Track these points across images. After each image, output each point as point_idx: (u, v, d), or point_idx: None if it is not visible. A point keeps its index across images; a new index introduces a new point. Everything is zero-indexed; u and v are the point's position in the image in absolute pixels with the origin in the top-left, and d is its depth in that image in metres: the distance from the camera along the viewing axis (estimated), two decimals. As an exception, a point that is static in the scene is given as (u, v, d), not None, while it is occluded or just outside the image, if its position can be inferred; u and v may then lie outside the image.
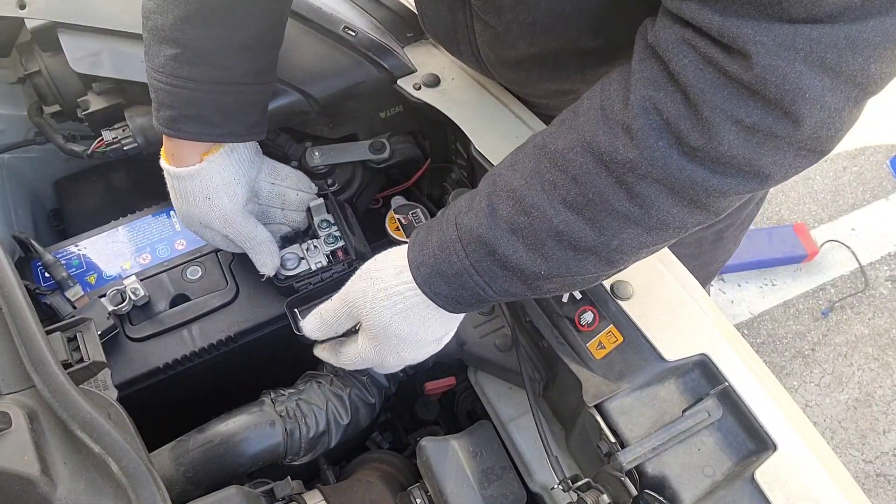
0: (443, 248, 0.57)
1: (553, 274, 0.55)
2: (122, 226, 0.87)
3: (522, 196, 0.54)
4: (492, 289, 0.57)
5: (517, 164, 0.57)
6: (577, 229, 0.53)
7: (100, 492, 0.52)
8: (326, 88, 0.84)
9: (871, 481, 1.89)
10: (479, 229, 0.55)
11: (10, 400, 0.56)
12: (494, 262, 0.55)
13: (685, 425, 0.61)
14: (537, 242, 0.54)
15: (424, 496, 0.68)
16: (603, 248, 0.53)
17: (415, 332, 0.61)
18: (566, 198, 0.52)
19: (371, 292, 0.61)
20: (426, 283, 0.58)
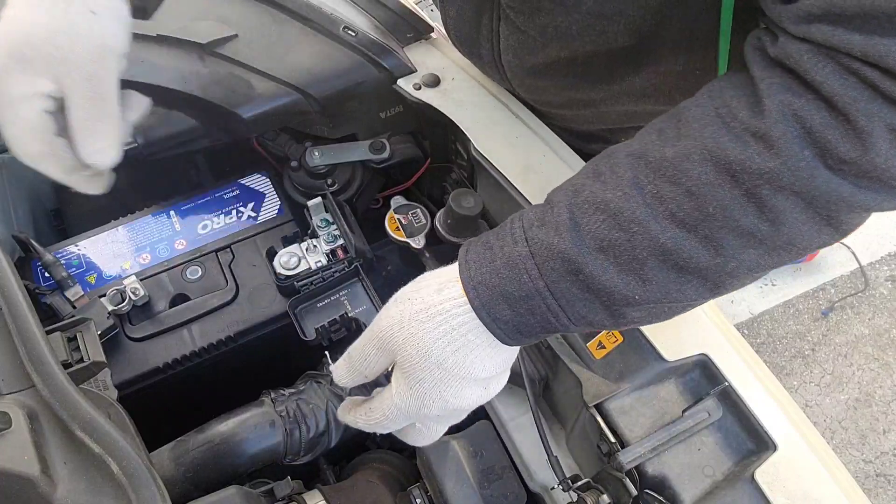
0: (511, 265, 0.50)
1: (647, 299, 0.49)
2: (122, 226, 0.87)
3: (618, 209, 0.48)
4: (566, 315, 0.50)
5: (603, 174, 0.50)
6: (687, 248, 0.47)
7: (100, 492, 0.52)
8: (326, 88, 0.84)
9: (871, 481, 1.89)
10: (561, 245, 0.48)
11: (10, 400, 0.56)
12: (576, 283, 0.49)
13: (685, 425, 0.61)
14: (635, 262, 0.48)
15: (424, 496, 0.68)
16: (715, 271, 0.48)
17: (460, 362, 0.51)
18: (676, 212, 0.47)
19: (407, 314, 0.52)
20: (485, 306, 0.50)
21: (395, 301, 0.54)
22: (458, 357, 0.51)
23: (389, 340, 0.52)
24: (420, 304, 0.52)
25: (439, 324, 0.51)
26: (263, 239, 0.85)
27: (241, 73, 0.83)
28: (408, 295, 0.53)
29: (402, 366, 0.52)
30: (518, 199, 0.75)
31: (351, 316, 0.76)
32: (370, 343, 0.54)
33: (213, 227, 0.86)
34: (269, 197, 0.89)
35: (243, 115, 0.81)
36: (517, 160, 0.79)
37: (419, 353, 0.51)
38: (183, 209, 0.88)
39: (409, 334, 0.51)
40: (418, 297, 0.52)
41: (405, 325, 0.51)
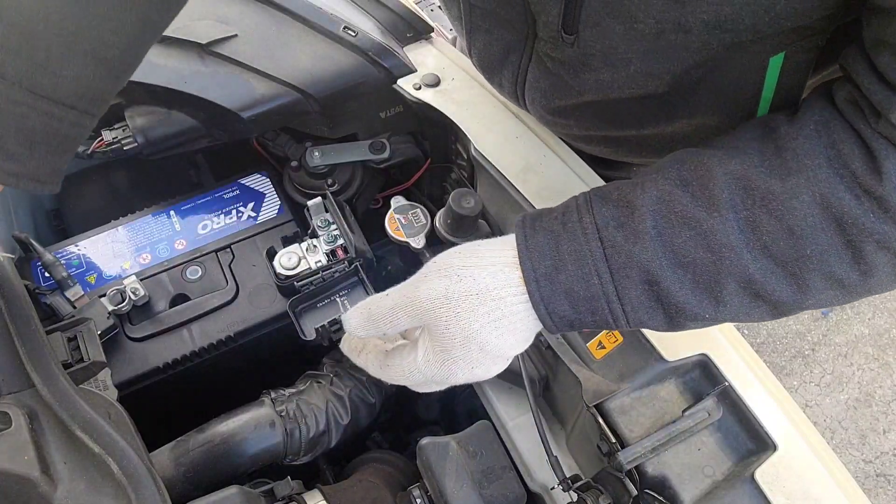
0: (580, 264, 0.48)
1: (714, 319, 0.48)
2: (122, 225, 0.87)
3: (710, 231, 0.46)
4: (626, 319, 0.48)
5: (691, 185, 0.48)
6: (773, 281, 0.46)
7: (100, 492, 0.52)
8: (326, 88, 0.84)
9: (871, 481, 1.89)
10: (642, 256, 0.47)
11: (10, 400, 0.56)
12: (648, 293, 0.48)
13: (685, 425, 0.61)
14: (715, 284, 0.47)
15: (424, 496, 0.68)
16: (790, 304, 0.48)
17: (501, 344, 0.50)
18: (770, 246, 0.46)
19: (456, 293, 0.49)
20: (545, 300, 0.48)
21: (440, 272, 0.51)
22: (501, 341, 0.50)
23: (429, 313, 0.50)
24: (472, 284, 0.49)
25: (492, 310, 0.49)
26: (263, 239, 0.85)
27: (241, 73, 0.83)
28: (456, 270, 0.50)
29: (440, 340, 0.50)
30: (518, 199, 0.75)
31: (351, 316, 0.76)
32: (403, 309, 0.51)
33: (213, 227, 0.86)
34: (269, 197, 0.90)
35: (243, 115, 0.81)
36: (517, 160, 0.79)
37: (464, 334, 0.49)
38: (183, 209, 0.88)
39: (455, 314, 0.49)
40: (469, 275, 0.49)
41: (453, 303, 0.49)
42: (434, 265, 0.51)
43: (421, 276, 0.52)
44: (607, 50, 0.59)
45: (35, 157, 0.53)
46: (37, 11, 0.48)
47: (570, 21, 0.58)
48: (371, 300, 0.54)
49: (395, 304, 0.52)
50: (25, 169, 0.53)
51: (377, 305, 0.53)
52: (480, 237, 0.80)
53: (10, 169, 0.52)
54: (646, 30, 0.54)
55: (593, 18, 0.56)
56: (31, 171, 0.53)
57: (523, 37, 0.67)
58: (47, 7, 0.48)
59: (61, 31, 0.49)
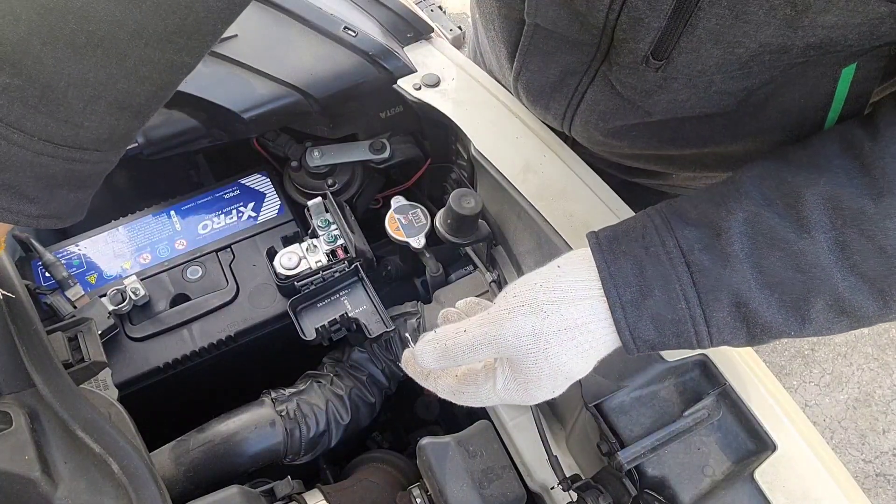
0: (667, 289, 0.47)
1: (799, 334, 0.48)
2: (123, 225, 0.87)
3: (801, 251, 0.46)
4: (710, 339, 0.48)
5: (776, 205, 0.48)
6: (860, 298, 0.47)
7: (100, 492, 0.52)
8: (327, 88, 0.85)
9: (871, 481, 1.89)
10: (732, 279, 0.46)
11: (11, 399, 0.56)
12: (735, 315, 0.47)
13: (685, 425, 0.61)
14: (802, 303, 0.47)
15: (424, 496, 0.68)
16: (873, 318, 0.48)
17: (585, 369, 0.50)
18: (860, 265, 0.46)
19: (545, 330, 0.48)
20: (631, 327, 0.48)
21: (524, 307, 0.49)
22: (586, 367, 0.50)
23: (516, 350, 0.48)
24: (559, 320, 0.48)
25: (581, 343, 0.48)
26: (263, 239, 0.85)
27: (241, 73, 0.83)
28: (542, 306, 0.48)
29: (525, 374, 0.49)
30: (518, 199, 0.76)
31: (351, 316, 0.76)
32: (486, 346, 0.49)
33: (214, 227, 0.86)
34: (270, 197, 0.90)
35: (244, 116, 0.81)
36: (517, 160, 0.79)
37: (552, 368, 0.49)
38: (183, 209, 0.88)
39: (543, 351, 0.48)
40: (556, 311, 0.48)
41: (542, 341, 0.48)
42: (516, 300, 0.49)
43: (504, 312, 0.49)
44: (695, 73, 0.58)
45: (56, 198, 0.52)
46: (58, 67, 0.46)
47: (663, 48, 0.58)
48: (446, 334, 0.51)
49: (476, 342, 0.49)
50: (46, 210, 0.52)
51: (454, 341, 0.50)
52: (480, 237, 0.80)
53: (30, 212, 0.51)
54: (745, 54, 0.54)
55: (692, 45, 0.55)
56: (52, 211, 0.52)
57: (589, 59, 0.66)
58: (69, 62, 0.46)
59: (84, 86, 0.47)
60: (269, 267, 0.81)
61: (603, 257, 0.49)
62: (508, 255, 0.79)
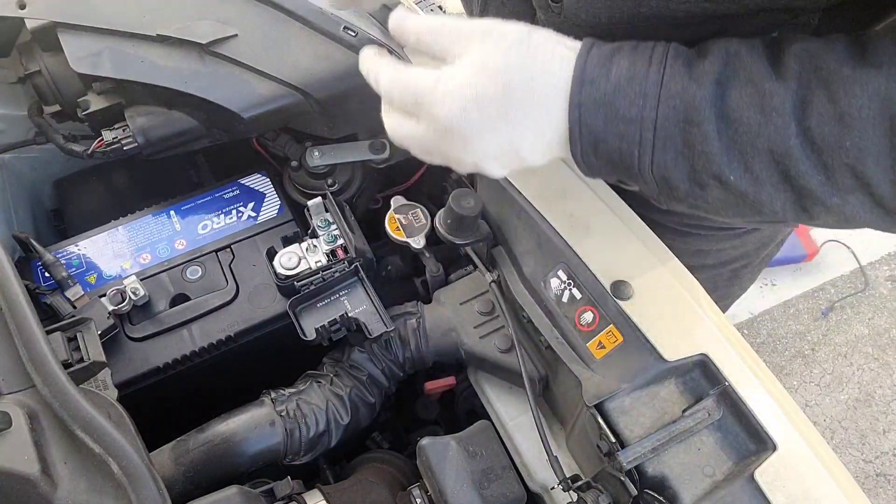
0: (632, 80, 0.48)
1: (736, 187, 0.48)
2: (122, 225, 0.87)
3: (771, 92, 0.46)
4: (651, 158, 0.49)
5: (769, 51, 0.48)
6: (806, 166, 0.46)
7: (100, 492, 0.52)
8: (327, 89, 0.84)
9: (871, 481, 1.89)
10: (697, 94, 0.47)
11: (11, 400, 0.56)
12: (685, 132, 0.47)
13: (685, 425, 0.61)
14: (751, 148, 0.47)
15: (424, 496, 0.68)
16: (814, 197, 0.47)
17: (520, 120, 0.50)
18: (815, 129, 0.45)
19: (517, 36, 0.49)
20: (583, 106, 0.48)
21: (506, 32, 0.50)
22: (522, 114, 0.49)
23: (484, 37, 0.50)
24: (527, 34, 0.50)
25: (539, 53, 0.49)
26: (263, 239, 0.85)
27: (241, 73, 0.83)
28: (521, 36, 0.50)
29: (472, 65, 0.50)
30: (518, 199, 0.76)
31: (351, 316, 0.76)
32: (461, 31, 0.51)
33: (214, 227, 0.86)
34: (269, 197, 0.90)
35: (243, 115, 0.81)
36: (517, 160, 0.79)
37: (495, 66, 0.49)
38: (183, 209, 0.88)
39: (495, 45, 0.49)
40: (529, 31, 0.50)
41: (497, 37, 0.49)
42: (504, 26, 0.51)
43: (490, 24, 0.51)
44: (592, 21, 0.59)
45: None
46: None
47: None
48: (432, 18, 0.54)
49: (458, 26, 0.52)
50: None
51: (441, 20, 0.53)
52: (480, 237, 0.80)
53: None
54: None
55: None
56: None
57: (530, 6, 0.67)
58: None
59: None
60: (269, 267, 0.81)
61: (592, 43, 0.51)
62: (508, 255, 0.79)
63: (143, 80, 0.80)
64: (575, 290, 0.70)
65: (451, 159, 0.55)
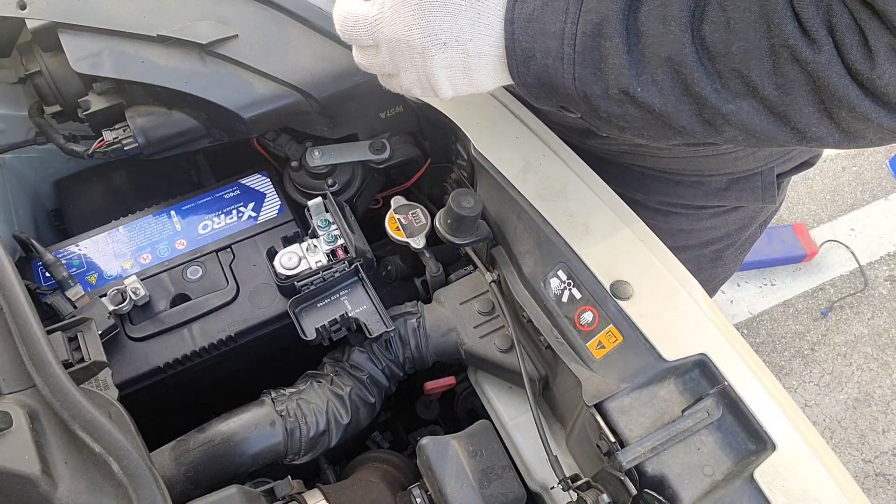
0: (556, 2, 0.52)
1: (644, 98, 0.51)
2: (123, 225, 0.87)
3: (669, 2, 0.49)
4: (574, 73, 0.52)
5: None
6: (699, 71, 0.49)
7: (100, 491, 0.52)
8: (327, 89, 0.84)
9: (871, 481, 1.89)
10: (609, 6, 0.50)
11: (11, 400, 0.56)
12: (600, 47, 0.51)
13: (685, 425, 0.61)
14: (654, 58, 0.50)
15: (424, 496, 0.68)
16: (711, 105, 0.50)
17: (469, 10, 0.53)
18: (707, 35, 0.49)
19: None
20: (515, 22, 0.52)
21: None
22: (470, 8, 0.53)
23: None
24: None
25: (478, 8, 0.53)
26: (264, 239, 0.85)
27: (241, 73, 0.83)
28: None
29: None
30: (518, 199, 0.76)
31: (351, 316, 0.76)
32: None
33: (214, 227, 0.86)
34: (270, 197, 0.90)
35: (244, 116, 0.81)
36: (517, 160, 0.79)
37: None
38: (183, 209, 0.88)
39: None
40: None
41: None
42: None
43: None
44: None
45: None
46: None
47: None
48: None
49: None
50: None
51: None
52: (480, 237, 0.80)
53: None
54: None
55: None
56: None
57: None
58: None
59: None
60: (269, 267, 0.81)
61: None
62: (508, 255, 0.79)
63: (144, 81, 0.80)
64: (575, 289, 0.70)
65: (405, 82, 0.59)
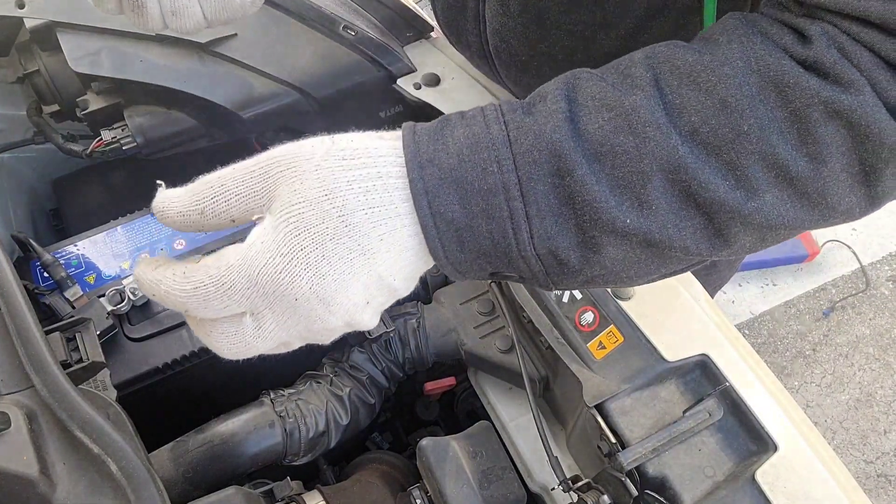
0: (477, 148, 0.39)
1: (636, 230, 0.39)
2: (121, 225, 0.87)
3: (633, 108, 0.39)
4: (529, 230, 0.39)
5: (607, 75, 0.41)
6: (707, 172, 0.38)
7: (99, 492, 0.52)
8: (326, 88, 0.84)
9: (872, 482, 1.89)
10: (554, 135, 0.38)
11: (10, 400, 0.56)
12: (558, 189, 0.39)
13: (686, 426, 0.61)
14: (638, 176, 0.39)
15: (424, 496, 0.67)
16: (727, 209, 0.39)
17: (369, 227, 0.38)
18: (701, 127, 0.39)
19: (323, 149, 0.39)
20: (430, 192, 0.38)
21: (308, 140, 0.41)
22: (370, 217, 0.38)
23: (286, 167, 0.39)
24: (346, 142, 0.39)
25: (363, 165, 0.38)
26: (263, 239, 0.85)
27: (240, 72, 0.83)
28: (332, 138, 0.40)
29: (286, 206, 0.38)
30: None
31: (351, 316, 0.76)
32: (255, 168, 0.39)
33: (213, 227, 0.86)
34: (269, 197, 0.89)
35: (242, 115, 0.81)
36: (517, 160, 0.79)
37: (326, 188, 0.38)
38: (182, 209, 0.88)
39: (316, 168, 0.38)
40: (342, 143, 0.40)
41: (318, 155, 0.39)
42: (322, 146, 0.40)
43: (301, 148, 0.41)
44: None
45: None
46: None
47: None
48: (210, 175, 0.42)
49: (243, 168, 0.40)
50: None
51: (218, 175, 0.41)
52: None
53: None
54: None
55: None
56: None
57: None
58: None
59: None
60: (269, 267, 0.81)
61: (412, 125, 0.41)
62: (508, 255, 0.79)
63: (142, 80, 0.80)
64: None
65: (314, 333, 0.44)
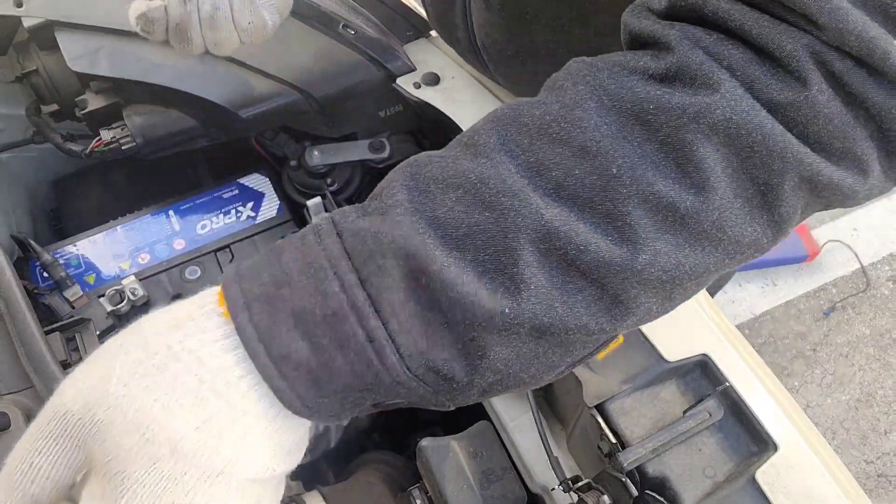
0: (309, 269, 0.32)
1: (518, 317, 0.32)
2: (121, 225, 0.87)
3: (482, 180, 0.33)
4: (396, 350, 0.32)
5: (450, 151, 0.36)
6: (584, 232, 0.33)
7: (97, 493, 0.52)
8: (325, 87, 0.84)
9: (873, 482, 1.89)
10: (395, 231, 0.32)
11: (9, 400, 0.55)
12: (417, 291, 0.32)
13: (686, 426, 0.61)
14: (505, 256, 0.32)
15: (424, 497, 0.67)
16: (617, 269, 0.33)
17: (211, 443, 0.30)
18: (565, 182, 0.33)
19: (118, 369, 0.31)
20: (263, 335, 0.31)
21: (96, 356, 0.33)
22: (207, 433, 0.30)
23: (84, 418, 0.31)
24: (142, 349, 0.31)
25: (179, 374, 0.31)
26: (263, 239, 0.85)
27: (239, 71, 0.83)
28: (119, 341, 0.33)
29: (109, 462, 0.30)
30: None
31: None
32: (47, 433, 0.31)
33: (212, 227, 0.86)
34: (269, 197, 0.89)
35: (242, 115, 0.81)
36: (517, 159, 0.79)
37: (140, 426, 0.30)
38: (182, 209, 0.88)
39: (120, 398, 0.30)
40: (137, 340, 0.32)
41: (113, 381, 0.31)
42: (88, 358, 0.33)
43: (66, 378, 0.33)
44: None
45: None
46: None
47: None
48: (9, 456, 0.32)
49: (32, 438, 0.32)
50: None
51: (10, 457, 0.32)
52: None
53: None
54: None
55: None
56: None
57: None
58: None
59: None
60: (268, 267, 0.80)
61: (235, 265, 0.35)
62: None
63: (141, 79, 0.79)
64: (575, 289, 0.69)
65: None
